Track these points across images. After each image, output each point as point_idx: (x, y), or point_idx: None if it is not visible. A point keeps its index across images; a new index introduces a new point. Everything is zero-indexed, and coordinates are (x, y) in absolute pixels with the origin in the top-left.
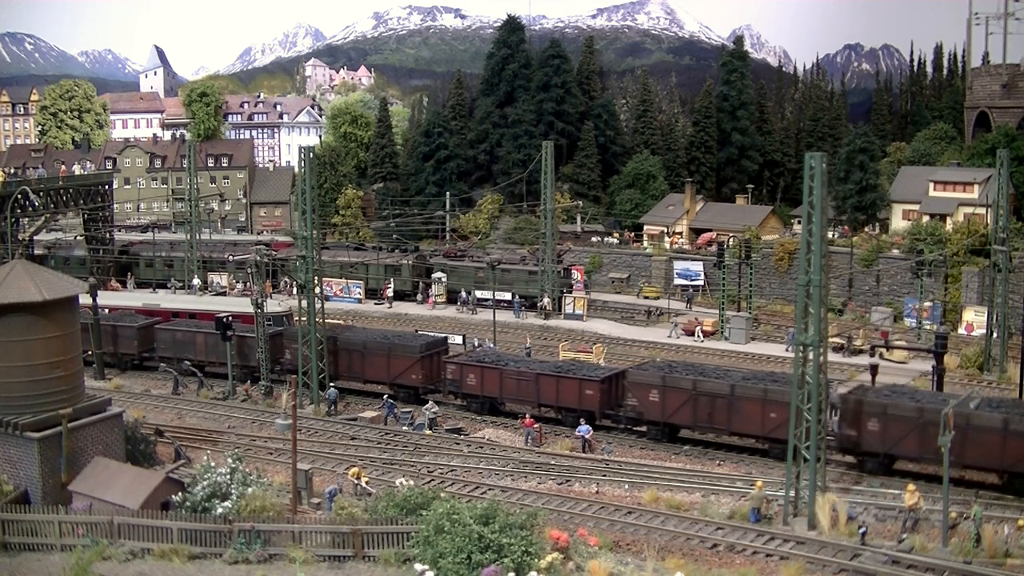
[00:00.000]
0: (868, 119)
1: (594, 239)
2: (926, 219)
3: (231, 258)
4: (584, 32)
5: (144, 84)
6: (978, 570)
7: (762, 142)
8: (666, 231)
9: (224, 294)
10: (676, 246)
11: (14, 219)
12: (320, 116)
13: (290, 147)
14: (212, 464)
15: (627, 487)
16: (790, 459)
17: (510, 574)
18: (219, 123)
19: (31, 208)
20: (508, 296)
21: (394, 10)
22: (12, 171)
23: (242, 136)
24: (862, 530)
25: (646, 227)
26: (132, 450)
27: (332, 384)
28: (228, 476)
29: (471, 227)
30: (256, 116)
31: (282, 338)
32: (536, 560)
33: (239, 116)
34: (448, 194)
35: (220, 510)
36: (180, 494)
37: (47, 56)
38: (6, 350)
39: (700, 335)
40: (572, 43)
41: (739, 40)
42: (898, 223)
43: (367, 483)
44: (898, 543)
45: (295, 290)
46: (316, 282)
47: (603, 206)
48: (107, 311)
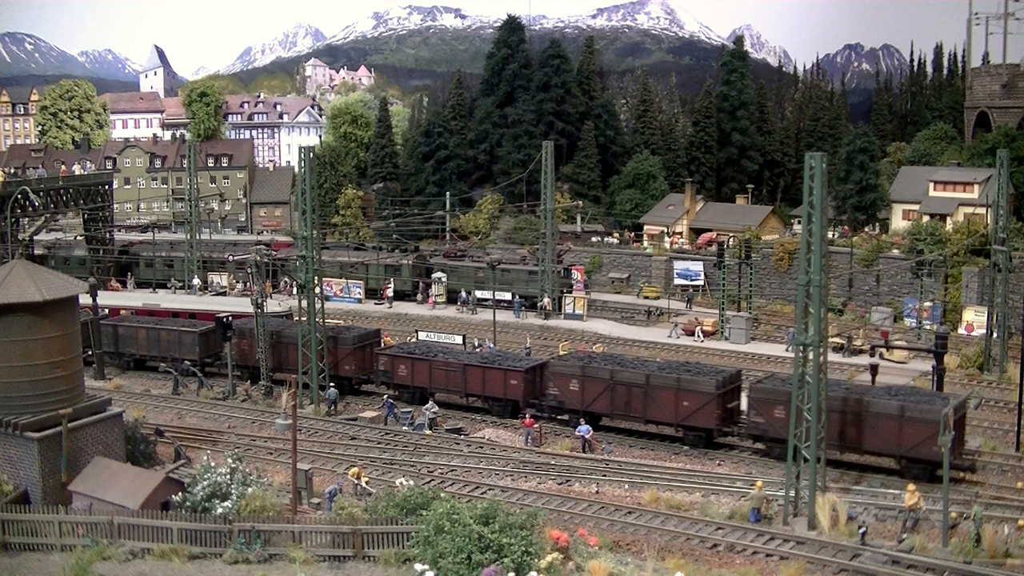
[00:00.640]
0: (868, 119)
1: (594, 239)
2: (926, 219)
3: (231, 258)
4: (584, 32)
5: (144, 84)
6: (978, 570)
7: (762, 142)
8: (666, 231)
9: (224, 294)
10: (676, 246)
11: (14, 219)
12: (320, 116)
13: (290, 147)
14: (212, 464)
15: (627, 487)
16: (790, 459)
17: (510, 574)
18: (219, 123)
19: (31, 208)
20: (508, 296)
21: (394, 10)
22: (12, 171)
23: (242, 136)
24: (862, 530)
25: (646, 227)
26: (132, 450)
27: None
28: (228, 476)
29: (471, 227)
30: (256, 116)
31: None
32: (536, 560)
33: (239, 116)
34: (448, 194)
35: (220, 510)
36: (180, 494)
37: (47, 56)
38: (6, 350)
39: (700, 335)
40: (572, 43)
41: (739, 40)
42: (898, 223)
43: (367, 483)
44: (898, 543)
45: (295, 290)
46: (316, 282)
47: (603, 206)
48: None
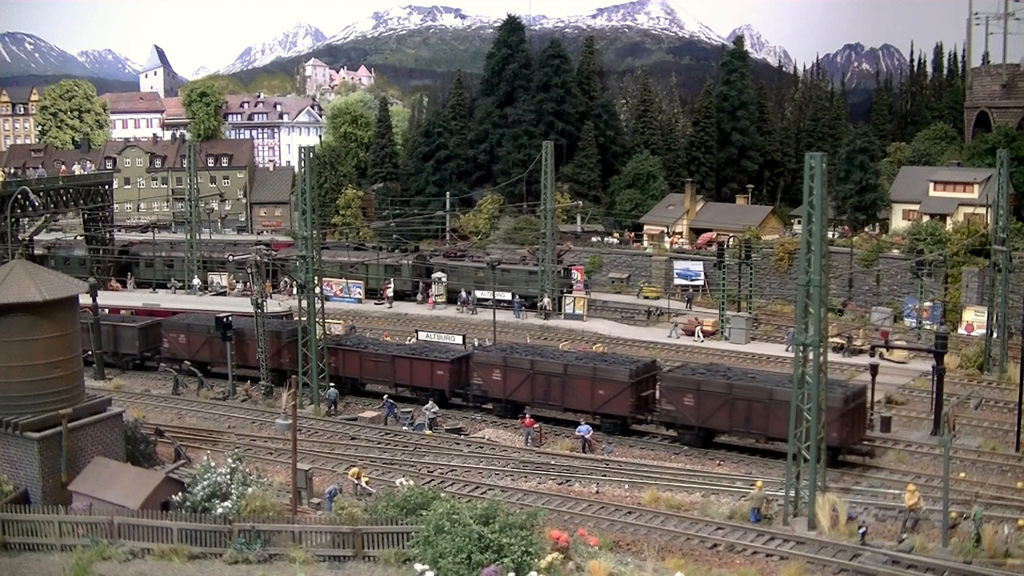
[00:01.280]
0: (868, 119)
1: (594, 239)
2: (926, 219)
3: (231, 258)
4: (584, 32)
5: (144, 84)
6: (978, 570)
7: (762, 142)
8: (666, 231)
9: (224, 294)
10: (676, 246)
11: (14, 219)
12: (320, 116)
13: (290, 147)
14: (212, 464)
15: (627, 487)
16: (790, 459)
17: (510, 574)
18: (219, 123)
19: (31, 208)
20: (508, 296)
21: (394, 10)
22: (12, 171)
23: (242, 136)
24: (862, 530)
25: (646, 227)
26: (132, 450)
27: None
28: (228, 476)
29: (471, 227)
30: (256, 116)
31: (160, 328)
32: (536, 560)
33: (239, 116)
34: (448, 194)
35: (220, 510)
36: (180, 494)
37: (47, 56)
38: (6, 350)
39: (700, 335)
40: (572, 43)
41: (739, 40)
42: (898, 223)
43: (367, 483)
44: (898, 543)
45: (295, 290)
46: (316, 282)
47: (603, 206)
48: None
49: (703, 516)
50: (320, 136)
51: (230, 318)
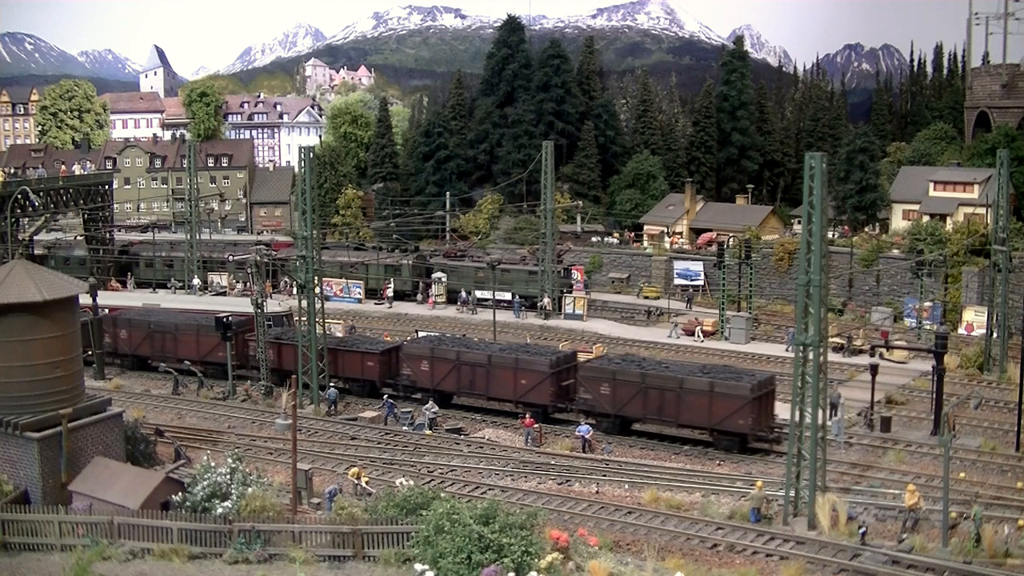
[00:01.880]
0: (868, 119)
1: (594, 239)
2: (926, 219)
3: (231, 258)
4: (584, 32)
5: (144, 84)
6: (978, 570)
7: (762, 142)
8: (666, 231)
9: (224, 294)
10: (676, 246)
11: (14, 219)
12: (320, 116)
13: (290, 147)
14: (212, 464)
15: (627, 487)
16: (790, 459)
17: (510, 574)
18: (219, 123)
19: (31, 208)
20: (508, 296)
21: (394, 10)
22: (12, 171)
23: (242, 136)
24: (862, 530)
25: (646, 227)
26: (132, 450)
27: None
28: (228, 476)
29: (471, 227)
30: (256, 116)
31: (101, 325)
32: (536, 560)
33: (239, 116)
34: (448, 194)
35: (220, 510)
36: (180, 494)
37: (47, 56)
38: (6, 350)
39: (700, 335)
40: (572, 43)
41: (739, 40)
42: (898, 223)
43: (367, 483)
44: (898, 543)
45: (295, 290)
46: (316, 282)
47: (603, 206)
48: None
49: (703, 516)
50: (320, 136)
51: (230, 318)
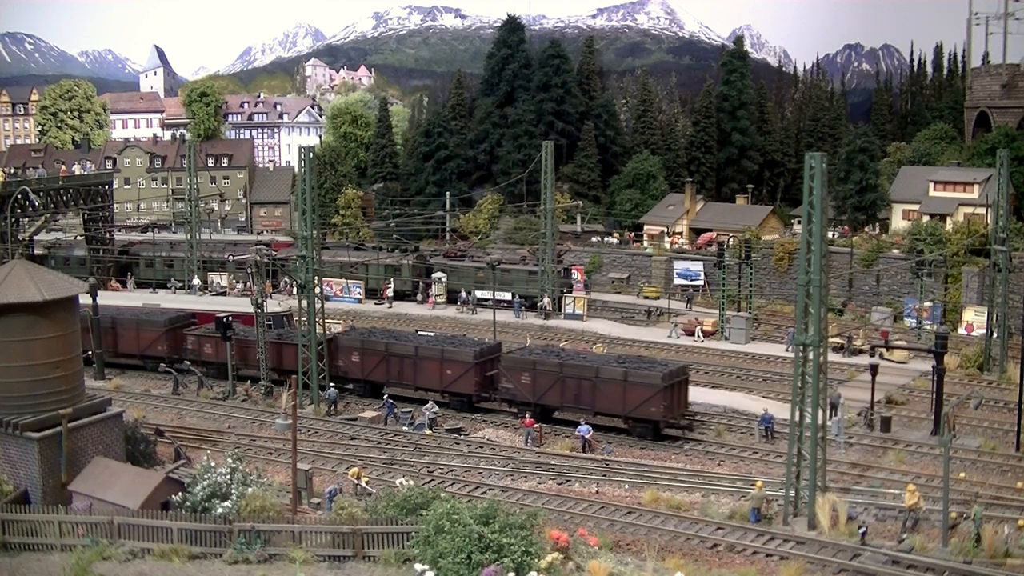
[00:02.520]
0: (868, 119)
1: (594, 239)
2: (926, 219)
3: (231, 258)
4: (584, 32)
5: (144, 84)
6: (978, 570)
7: (762, 142)
8: (666, 231)
9: (224, 294)
10: (676, 246)
11: (14, 219)
12: (320, 116)
13: (290, 147)
14: (212, 464)
15: (627, 487)
16: (790, 459)
17: (510, 574)
18: (219, 123)
19: (31, 208)
20: (508, 296)
21: (394, 10)
22: (12, 171)
23: (242, 136)
24: (862, 530)
25: (646, 227)
26: (132, 450)
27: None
28: (228, 476)
29: (471, 227)
30: (256, 116)
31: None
32: (536, 560)
33: (239, 116)
34: (448, 194)
35: (220, 510)
36: (180, 494)
37: (47, 56)
38: (6, 350)
39: (700, 335)
40: (572, 43)
41: (739, 40)
42: (898, 223)
43: (367, 483)
44: (898, 543)
45: (295, 290)
46: (316, 282)
47: (603, 206)
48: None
49: (703, 516)
50: (320, 136)
51: (230, 318)
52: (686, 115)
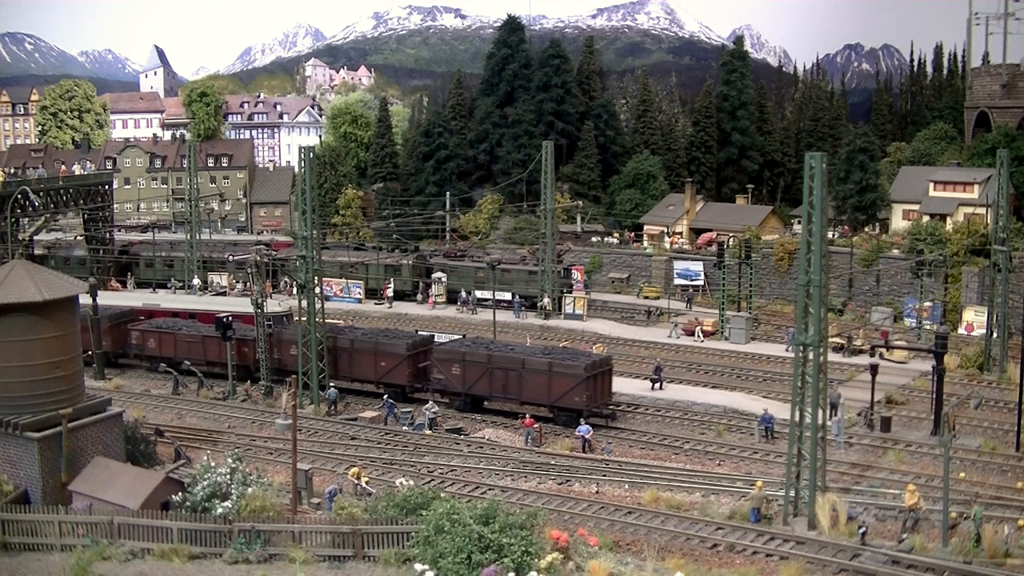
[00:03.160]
0: (868, 119)
1: (594, 239)
2: (926, 219)
3: (231, 258)
4: (584, 32)
5: (144, 84)
6: (978, 570)
7: (762, 142)
8: (666, 231)
9: (224, 294)
10: (676, 246)
11: (14, 219)
12: (320, 116)
13: (290, 147)
14: (212, 464)
15: (627, 487)
16: (790, 459)
17: (510, 574)
18: (219, 123)
19: (31, 208)
20: (508, 296)
21: (394, 10)
22: (12, 171)
23: (242, 136)
24: (862, 530)
25: (646, 227)
26: (132, 450)
27: None
28: (228, 476)
29: (471, 227)
30: (256, 116)
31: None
32: (536, 560)
33: (239, 116)
34: (448, 194)
35: (220, 510)
36: (180, 494)
37: (47, 56)
38: (6, 350)
39: (700, 335)
40: (572, 43)
41: (739, 40)
42: (898, 223)
43: (367, 483)
44: (898, 543)
45: (295, 290)
46: (316, 282)
47: (603, 206)
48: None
49: (703, 516)
50: (320, 136)
51: (230, 318)
52: (686, 115)
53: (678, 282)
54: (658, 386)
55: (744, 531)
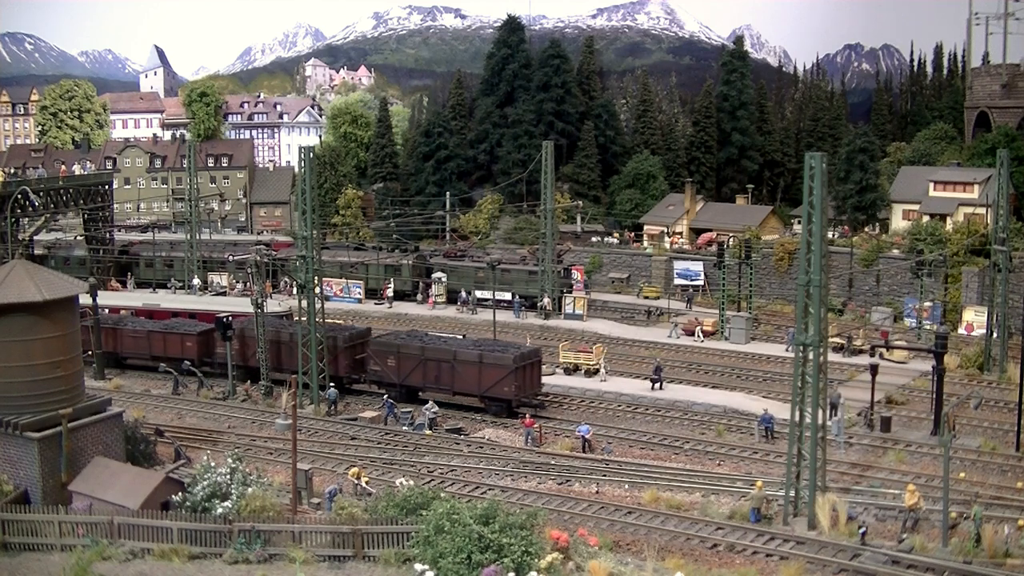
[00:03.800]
0: (868, 119)
1: (594, 239)
2: (926, 219)
3: (231, 258)
4: (584, 32)
5: (144, 84)
6: (978, 570)
7: (762, 142)
8: (666, 231)
9: (224, 294)
10: (676, 246)
11: (14, 219)
12: (320, 116)
13: (290, 147)
14: (212, 464)
15: (627, 487)
16: (790, 459)
17: (510, 574)
18: (219, 123)
19: (31, 208)
20: (508, 296)
21: (394, 10)
22: (12, 171)
23: (242, 136)
24: (862, 530)
25: (646, 227)
26: (132, 450)
27: None
28: (228, 476)
29: (471, 227)
30: (256, 116)
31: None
32: (536, 560)
33: (239, 116)
34: (448, 194)
35: (220, 510)
36: (180, 494)
37: (47, 56)
38: (6, 350)
39: (700, 335)
40: (572, 43)
41: (739, 40)
42: (898, 223)
43: (367, 483)
44: (898, 543)
45: (295, 290)
46: (316, 282)
47: (603, 206)
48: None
49: (703, 516)
50: (320, 136)
51: (230, 318)
52: (686, 115)
53: (678, 282)
54: (658, 386)
55: (744, 531)
